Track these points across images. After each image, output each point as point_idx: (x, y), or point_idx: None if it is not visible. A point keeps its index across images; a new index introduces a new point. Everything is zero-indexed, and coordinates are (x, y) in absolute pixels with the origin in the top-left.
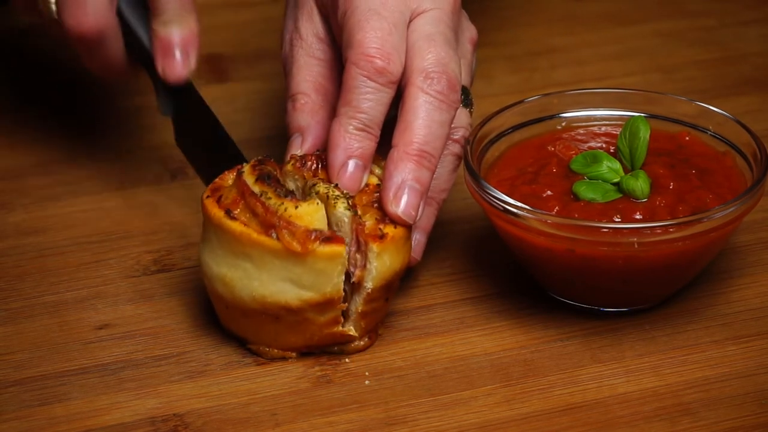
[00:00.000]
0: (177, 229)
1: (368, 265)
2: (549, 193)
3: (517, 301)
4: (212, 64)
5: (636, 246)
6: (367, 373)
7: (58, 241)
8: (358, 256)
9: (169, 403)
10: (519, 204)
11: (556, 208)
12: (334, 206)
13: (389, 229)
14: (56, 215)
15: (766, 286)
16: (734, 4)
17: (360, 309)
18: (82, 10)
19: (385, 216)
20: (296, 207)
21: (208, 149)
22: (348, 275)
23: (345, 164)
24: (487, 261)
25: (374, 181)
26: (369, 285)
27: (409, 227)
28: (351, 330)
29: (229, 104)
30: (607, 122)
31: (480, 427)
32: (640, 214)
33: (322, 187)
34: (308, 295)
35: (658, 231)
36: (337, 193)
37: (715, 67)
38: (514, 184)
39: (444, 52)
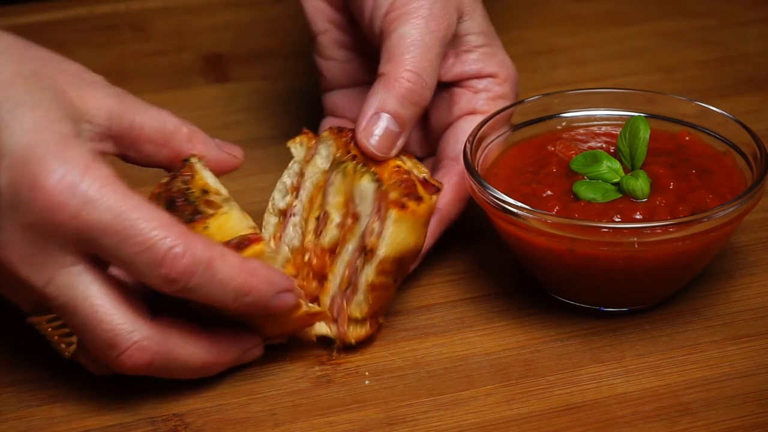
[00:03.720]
0: None
1: (384, 232)
2: (549, 193)
3: (517, 301)
4: (212, 64)
5: (636, 246)
6: (367, 373)
7: None
8: (376, 224)
9: (169, 403)
10: (519, 204)
11: (556, 208)
12: (360, 179)
13: (412, 204)
14: None
15: (766, 286)
16: (734, 4)
17: (370, 279)
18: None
19: (410, 194)
20: (205, 227)
21: None
22: (363, 247)
23: None
24: (487, 261)
25: (406, 164)
26: (382, 252)
27: (431, 210)
28: (316, 307)
29: (229, 104)
30: (607, 122)
31: (480, 427)
32: (640, 214)
33: (350, 165)
34: None
35: (658, 231)
36: (364, 169)
37: (715, 67)
38: (514, 184)
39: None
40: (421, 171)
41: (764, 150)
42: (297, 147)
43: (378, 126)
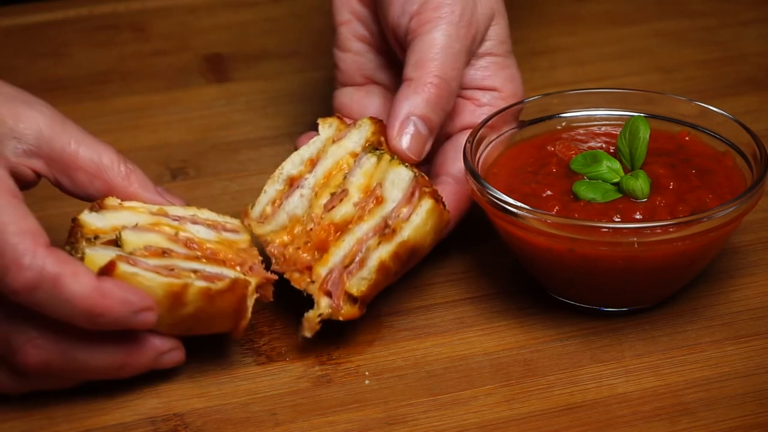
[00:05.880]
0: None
1: (413, 217)
2: (549, 193)
3: (517, 301)
4: (212, 64)
5: (636, 246)
6: (367, 373)
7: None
8: (404, 209)
9: (169, 403)
10: (519, 204)
11: (556, 208)
12: (397, 166)
13: (442, 206)
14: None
15: (766, 286)
16: (734, 4)
17: (383, 257)
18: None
19: (438, 196)
20: None
21: None
22: (382, 228)
23: None
24: (487, 261)
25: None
26: (406, 234)
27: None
28: (223, 282)
29: (229, 104)
30: (607, 122)
31: (480, 427)
32: (640, 214)
33: (387, 155)
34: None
35: (658, 231)
36: (399, 161)
37: (715, 67)
38: (514, 184)
39: None
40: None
41: (764, 150)
42: (326, 127)
43: (409, 129)
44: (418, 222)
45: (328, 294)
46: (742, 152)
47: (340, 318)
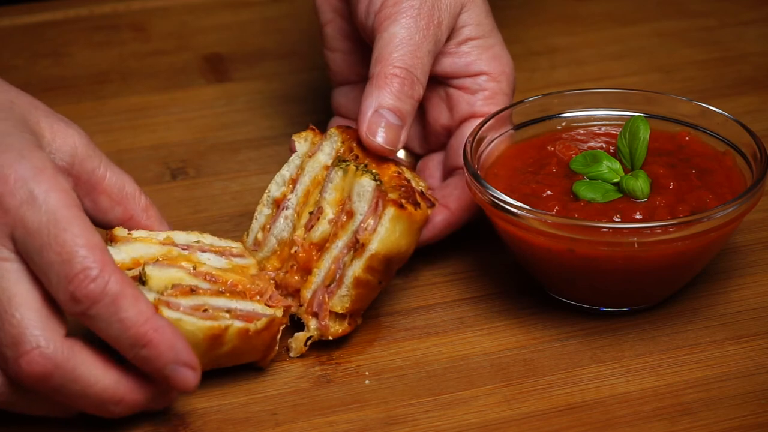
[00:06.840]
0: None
1: (379, 228)
2: (549, 193)
3: (517, 301)
4: (212, 64)
5: (636, 246)
6: (367, 373)
7: None
8: (371, 221)
9: None
10: (519, 204)
11: (556, 208)
12: (361, 176)
13: (410, 207)
14: None
15: (766, 286)
16: (734, 4)
17: (357, 273)
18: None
19: (409, 198)
20: None
21: None
22: (354, 243)
23: None
24: (487, 261)
25: (406, 174)
26: (374, 247)
27: (426, 216)
28: (263, 320)
29: (229, 104)
30: (607, 122)
31: (480, 427)
32: (640, 214)
33: (352, 165)
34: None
35: (658, 231)
36: (366, 169)
37: (715, 67)
38: (514, 184)
39: None
40: (419, 183)
41: (764, 150)
42: (302, 141)
43: (381, 122)
44: (383, 233)
45: (315, 315)
46: (742, 152)
47: (330, 337)
